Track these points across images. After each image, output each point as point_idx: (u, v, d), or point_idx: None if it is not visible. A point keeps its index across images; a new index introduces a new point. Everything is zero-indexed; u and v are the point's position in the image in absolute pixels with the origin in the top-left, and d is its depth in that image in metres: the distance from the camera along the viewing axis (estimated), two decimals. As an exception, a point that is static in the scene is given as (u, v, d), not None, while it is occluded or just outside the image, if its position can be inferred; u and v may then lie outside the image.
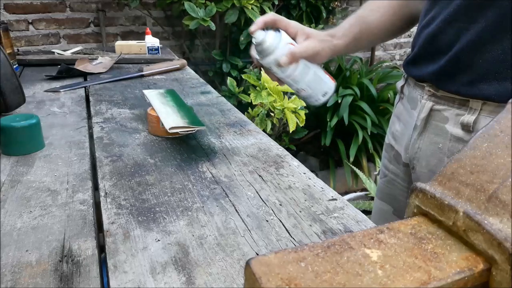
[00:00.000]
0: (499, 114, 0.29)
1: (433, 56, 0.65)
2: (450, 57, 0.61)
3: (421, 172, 0.71)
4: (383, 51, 3.17)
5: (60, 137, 0.78)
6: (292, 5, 2.34)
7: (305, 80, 0.69)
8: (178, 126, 0.72)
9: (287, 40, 0.67)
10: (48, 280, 0.41)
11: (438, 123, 0.67)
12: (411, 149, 0.72)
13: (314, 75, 0.70)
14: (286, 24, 0.68)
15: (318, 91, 0.71)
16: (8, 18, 2.04)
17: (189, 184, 0.61)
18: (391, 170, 0.82)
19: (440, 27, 0.63)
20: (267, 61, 0.67)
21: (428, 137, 0.69)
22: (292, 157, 0.71)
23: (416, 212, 0.27)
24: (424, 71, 0.67)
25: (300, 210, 0.55)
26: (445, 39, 0.62)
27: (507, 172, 0.24)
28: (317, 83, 0.71)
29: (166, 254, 0.45)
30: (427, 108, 0.68)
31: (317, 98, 0.72)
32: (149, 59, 1.47)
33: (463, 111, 0.62)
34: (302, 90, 0.71)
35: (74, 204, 0.55)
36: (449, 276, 0.22)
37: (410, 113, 0.73)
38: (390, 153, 0.82)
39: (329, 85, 0.72)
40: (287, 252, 0.23)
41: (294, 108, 1.78)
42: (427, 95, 0.68)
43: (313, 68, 0.70)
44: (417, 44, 0.69)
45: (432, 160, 0.69)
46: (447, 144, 0.66)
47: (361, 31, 0.73)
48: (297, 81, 0.69)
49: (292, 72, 0.68)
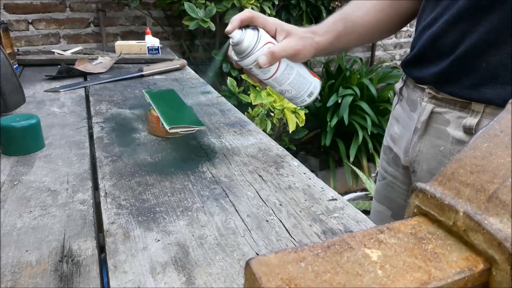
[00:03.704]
0: (499, 114, 0.29)
1: (435, 57, 0.64)
2: (453, 59, 0.60)
3: (422, 175, 0.70)
4: (383, 51, 3.17)
5: (60, 137, 0.78)
6: (292, 5, 2.34)
7: (288, 81, 0.66)
8: (178, 126, 0.72)
9: (266, 39, 0.62)
10: (48, 280, 0.41)
11: (439, 126, 0.66)
12: (412, 152, 0.71)
13: (297, 75, 0.66)
14: (264, 21, 0.64)
15: (303, 91, 0.68)
16: (8, 18, 2.04)
17: (189, 184, 0.61)
18: (389, 173, 0.81)
19: (443, 28, 0.61)
20: (246, 63, 0.63)
21: (429, 140, 0.68)
22: (292, 157, 0.71)
23: (416, 212, 0.27)
24: (425, 72, 0.66)
25: (300, 210, 0.55)
26: (448, 40, 0.61)
27: (507, 172, 0.24)
28: (301, 83, 0.67)
29: (166, 254, 0.45)
30: (428, 110, 0.66)
31: (303, 99, 0.69)
32: (149, 59, 1.47)
33: (465, 113, 0.61)
34: (286, 91, 0.68)
35: (74, 204, 0.55)
36: (449, 276, 0.22)
37: (410, 116, 0.72)
38: (389, 156, 0.81)
39: (315, 84, 0.69)
40: (287, 252, 0.23)
41: (294, 108, 1.78)
42: (427, 98, 0.67)
43: (296, 67, 0.66)
44: (418, 45, 0.68)
45: (433, 163, 0.68)
46: (448, 147, 0.65)
47: (346, 29, 0.70)
48: (280, 83, 0.66)
49: (273, 73, 0.64)
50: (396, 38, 3.17)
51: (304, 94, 0.68)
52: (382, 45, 3.14)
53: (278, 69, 0.64)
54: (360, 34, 0.72)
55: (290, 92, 0.68)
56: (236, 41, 0.61)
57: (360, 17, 0.71)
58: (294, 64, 0.66)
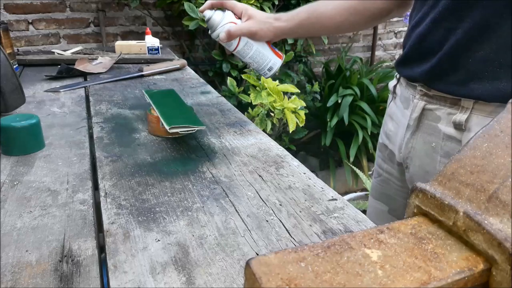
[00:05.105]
0: (499, 114, 0.29)
1: (423, 56, 0.65)
2: (440, 57, 0.62)
3: (415, 171, 0.72)
4: (383, 51, 3.17)
5: (60, 137, 0.78)
6: (292, 5, 2.34)
7: (248, 55, 0.80)
8: (178, 126, 0.72)
9: (229, 19, 0.78)
10: (48, 280, 0.41)
11: (430, 123, 0.67)
12: (405, 149, 0.73)
13: (257, 51, 0.80)
14: (232, 6, 0.78)
15: (263, 65, 0.82)
16: (8, 18, 2.04)
17: (189, 184, 0.61)
18: (385, 170, 0.82)
19: (430, 27, 0.63)
20: (214, 35, 0.79)
21: (421, 136, 0.69)
22: (292, 157, 0.71)
23: (416, 212, 0.27)
24: (415, 71, 0.68)
25: (300, 210, 0.55)
26: (434, 39, 0.63)
27: (507, 172, 0.24)
28: (261, 58, 0.81)
29: (166, 254, 0.45)
30: (420, 107, 0.68)
31: (264, 72, 0.83)
32: (149, 59, 1.47)
33: (455, 110, 0.63)
34: (249, 64, 0.83)
35: (74, 204, 0.55)
36: (449, 276, 0.22)
37: (403, 113, 0.73)
38: (384, 153, 0.82)
39: (274, 61, 0.82)
40: (287, 252, 0.23)
41: (294, 108, 1.78)
42: (419, 95, 0.68)
43: (256, 45, 0.80)
44: (408, 44, 0.69)
45: (425, 159, 0.69)
46: (440, 143, 0.66)
47: (309, 19, 0.79)
48: (242, 56, 0.81)
49: (235, 47, 0.80)
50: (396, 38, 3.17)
51: (264, 67, 0.82)
52: (382, 45, 3.14)
53: (239, 44, 0.79)
54: (323, 25, 0.81)
55: (253, 65, 0.83)
56: (207, 18, 0.78)
57: (328, 10, 0.79)
58: (254, 42, 0.80)
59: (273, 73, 0.83)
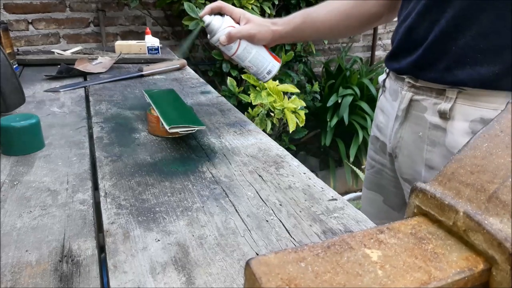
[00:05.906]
0: (499, 114, 0.29)
1: (410, 48, 0.69)
2: (425, 47, 0.66)
3: (403, 160, 0.75)
4: (383, 51, 3.17)
5: (60, 137, 0.78)
6: (292, 5, 2.34)
7: (248, 58, 0.81)
8: (178, 126, 0.72)
9: (229, 23, 0.79)
10: (48, 280, 0.41)
11: (417, 113, 0.71)
12: (394, 139, 0.76)
13: (256, 55, 0.81)
14: (230, 11, 0.80)
15: (263, 68, 0.83)
16: (8, 18, 2.04)
17: (189, 184, 0.61)
18: (377, 161, 0.86)
19: (416, 20, 0.67)
20: (213, 40, 0.80)
21: (409, 126, 0.73)
22: (292, 157, 0.71)
23: (416, 212, 0.27)
24: (403, 63, 0.71)
25: (300, 210, 0.55)
26: (420, 31, 0.67)
27: (507, 172, 0.24)
28: (260, 61, 0.82)
29: (166, 254, 0.45)
30: (407, 98, 0.72)
31: (263, 76, 0.84)
32: (149, 59, 1.47)
33: (440, 100, 0.66)
34: (248, 67, 0.83)
35: (74, 204, 0.55)
36: (449, 276, 0.22)
37: (392, 105, 0.77)
38: (376, 145, 0.85)
39: (272, 64, 0.83)
40: (287, 252, 0.23)
41: (294, 108, 1.78)
42: (407, 87, 0.72)
43: (255, 48, 0.81)
44: (396, 39, 0.73)
45: (413, 148, 0.73)
46: (426, 132, 0.70)
47: (304, 23, 0.82)
48: (242, 59, 0.82)
49: (235, 51, 0.80)
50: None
51: (263, 71, 0.83)
52: (382, 45, 3.14)
53: (239, 48, 0.80)
54: (318, 30, 0.83)
55: (252, 68, 0.83)
56: (207, 24, 0.79)
57: (322, 15, 0.82)
58: (254, 46, 0.81)
59: (271, 76, 0.84)
